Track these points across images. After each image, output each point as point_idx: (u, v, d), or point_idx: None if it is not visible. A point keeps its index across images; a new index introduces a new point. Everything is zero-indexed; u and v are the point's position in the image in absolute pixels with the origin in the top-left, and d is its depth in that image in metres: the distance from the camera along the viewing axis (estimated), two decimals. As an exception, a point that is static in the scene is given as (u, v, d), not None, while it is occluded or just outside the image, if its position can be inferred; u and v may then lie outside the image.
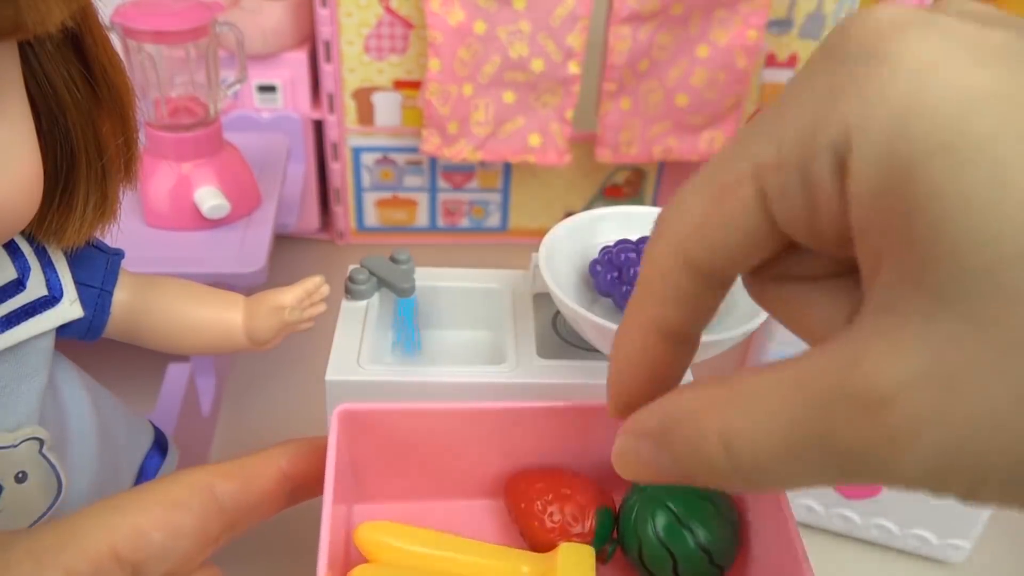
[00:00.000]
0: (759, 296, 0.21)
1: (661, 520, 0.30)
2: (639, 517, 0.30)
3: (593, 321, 0.32)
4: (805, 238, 0.18)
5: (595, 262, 0.37)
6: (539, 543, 0.30)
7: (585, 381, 0.35)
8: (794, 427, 0.16)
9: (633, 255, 0.35)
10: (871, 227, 0.15)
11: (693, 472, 0.18)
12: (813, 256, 0.19)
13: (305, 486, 0.30)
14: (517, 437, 0.31)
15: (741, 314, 0.34)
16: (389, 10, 0.65)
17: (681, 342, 0.21)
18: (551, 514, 0.30)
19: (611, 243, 0.37)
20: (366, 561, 0.28)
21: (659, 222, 0.20)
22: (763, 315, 0.33)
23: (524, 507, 0.31)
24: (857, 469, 0.15)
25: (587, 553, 0.29)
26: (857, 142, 0.15)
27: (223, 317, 0.36)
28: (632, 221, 0.39)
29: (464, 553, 0.29)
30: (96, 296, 0.32)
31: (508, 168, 0.74)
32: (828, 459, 0.15)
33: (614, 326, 0.31)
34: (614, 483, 0.33)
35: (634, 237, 0.37)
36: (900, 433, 0.14)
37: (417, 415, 0.29)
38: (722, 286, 0.20)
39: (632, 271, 0.36)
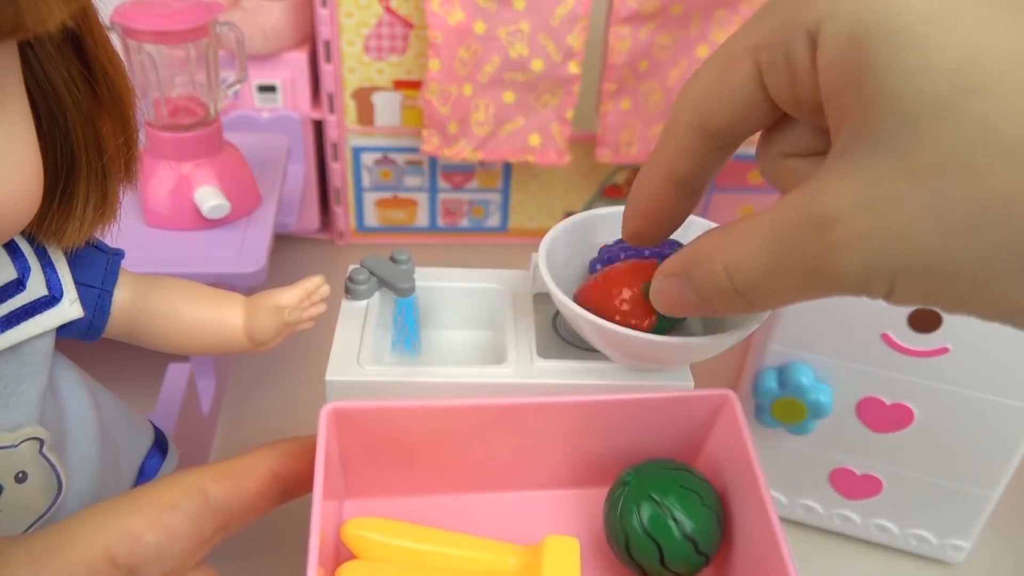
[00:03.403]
0: (768, 171, 0.25)
1: (646, 512, 0.30)
2: (624, 510, 0.30)
3: (593, 321, 0.32)
4: (790, 107, 0.22)
5: (595, 262, 0.37)
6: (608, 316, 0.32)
7: (585, 381, 0.35)
8: (772, 249, 0.21)
9: (632, 255, 0.35)
10: (834, 93, 0.20)
11: (710, 298, 0.24)
12: (806, 133, 0.24)
13: (296, 485, 0.30)
14: (506, 432, 0.31)
15: (741, 316, 0.34)
16: (389, 10, 0.65)
17: (686, 191, 0.26)
18: (623, 299, 0.32)
19: (611, 243, 0.37)
20: (356, 557, 0.29)
21: (681, 92, 0.24)
22: (763, 316, 0.33)
23: (604, 285, 0.33)
24: (815, 278, 0.20)
25: (572, 545, 0.29)
26: (826, 26, 0.20)
27: (223, 317, 0.36)
28: (632, 221, 0.39)
29: (452, 547, 0.29)
30: (96, 296, 0.32)
31: (508, 168, 0.74)
32: (796, 270, 0.20)
33: (613, 327, 0.31)
34: (602, 473, 0.33)
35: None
36: (840, 246, 0.19)
37: (405, 412, 0.29)
38: (726, 147, 0.25)
39: None
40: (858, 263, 0.19)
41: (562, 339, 0.40)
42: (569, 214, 0.78)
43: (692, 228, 0.35)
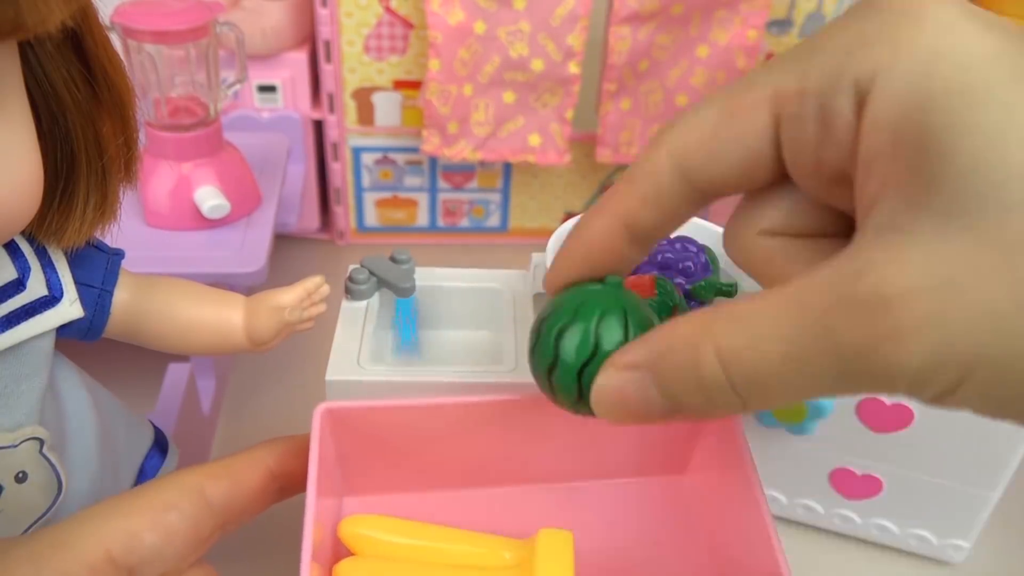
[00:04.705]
0: (742, 249, 0.22)
1: (576, 325, 0.24)
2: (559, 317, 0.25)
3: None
4: (804, 171, 0.19)
5: None
6: None
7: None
8: (795, 337, 0.17)
9: (646, 266, 0.35)
10: (880, 156, 0.17)
11: (686, 400, 0.19)
12: (803, 209, 0.21)
13: (293, 483, 0.30)
14: (499, 428, 0.31)
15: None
16: (389, 10, 0.65)
17: (639, 244, 0.23)
18: None
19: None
20: (352, 555, 0.29)
21: (660, 133, 0.21)
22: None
23: None
24: (855, 372, 0.16)
25: (566, 538, 0.29)
26: (882, 80, 0.17)
27: (223, 317, 0.36)
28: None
29: (447, 542, 0.30)
30: (96, 296, 0.32)
31: (508, 168, 0.74)
32: (829, 363, 0.17)
33: None
34: (596, 468, 0.33)
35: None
36: (902, 329, 0.16)
37: (398, 410, 0.30)
38: (701, 200, 0.21)
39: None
40: (925, 352, 0.16)
41: (562, 339, 0.40)
42: (569, 214, 0.78)
43: (690, 228, 0.35)
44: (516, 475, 0.33)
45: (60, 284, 0.31)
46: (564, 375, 0.24)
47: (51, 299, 0.30)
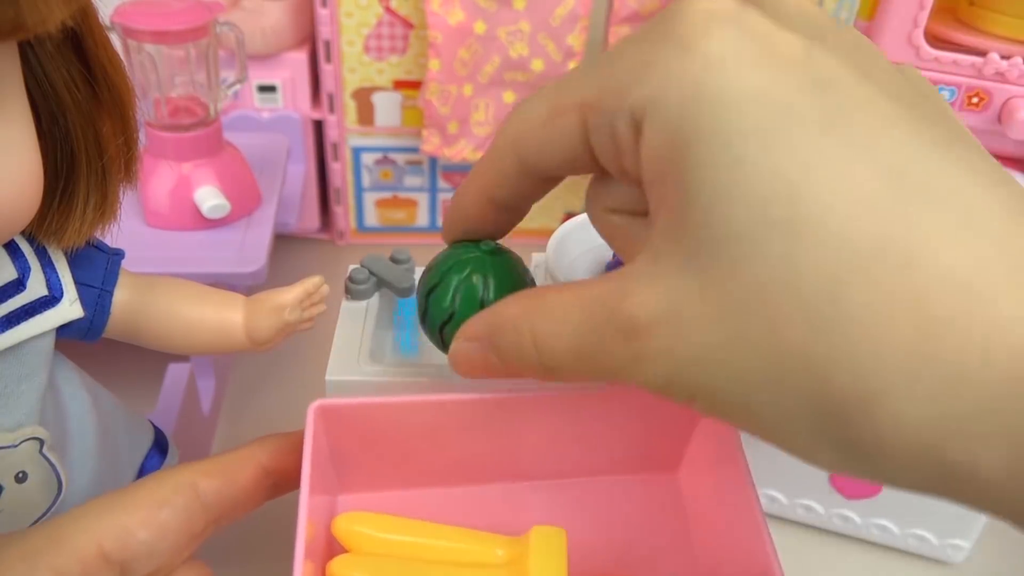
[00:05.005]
0: (596, 222, 0.24)
1: (440, 287, 0.27)
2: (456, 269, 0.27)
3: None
4: (615, 173, 0.21)
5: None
6: None
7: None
8: (578, 336, 0.20)
9: None
10: (655, 182, 0.19)
11: (515, 365, 0.22)
12: (632, 193, 0.22)
13: (286, 480, 0.31)
14: (493, 425, 0.31)
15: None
16: (389, 10, 0.65)
17: (507, 211, 0.25)
18: None
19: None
20: (346, 552, 0.29)
21: (507, 118, 0.23)
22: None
23: None
24: (614, 373, 0.19)
25: (559, 535, 0.29)
26: (651, 113, 0.18)
27: (223, 317, 0.36)
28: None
29: (441, 539, 0.30)
30: (96, 296, 0.32)
31: (508, 168, 0.74)
32: (602, 365, 0.19)
33: None
34: (589, 464, 0.33)
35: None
36: (644, 356, 0.18)
37: (393, 407, 0.30)
38: (548, 181, 0.24)
39: None
40: (661, 377, 0.18)
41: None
42: (569, 214, 0.78)
43: None
44: (510, 472, 0.33)
45: (60, 284, 0.31)
46: (429, 329, 0.28)
47: (51, 299, 0.30)
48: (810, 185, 0.16)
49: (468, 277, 0.27)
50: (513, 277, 0.27)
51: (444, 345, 0.28)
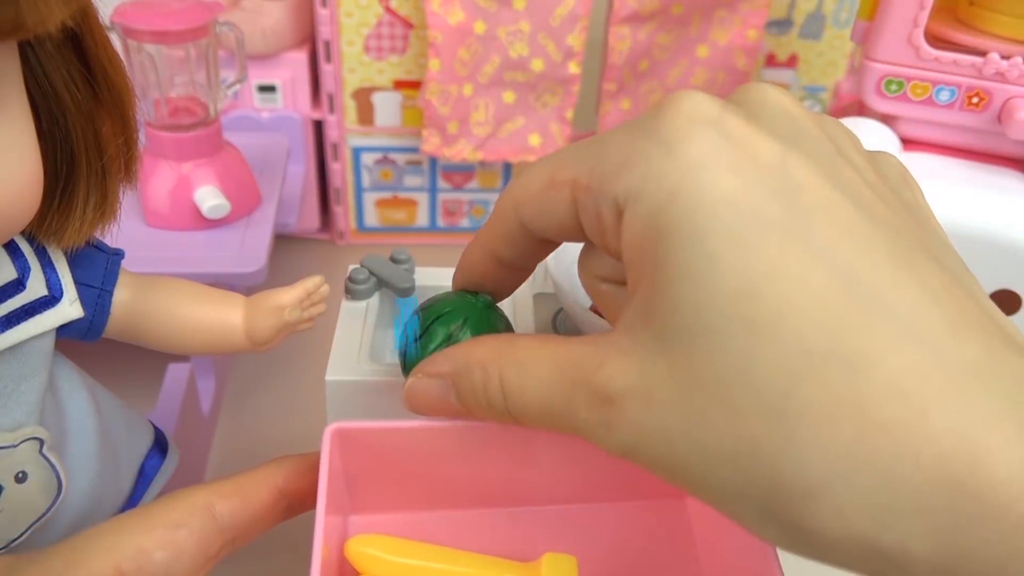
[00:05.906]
0: (586, 287, 0.26)
1: (431, 331, 0.28)
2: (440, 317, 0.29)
3: (604, 326, 0.32)
4: (600, 247, 0.22)
5: None
6: None
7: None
8: (549, 394, 0.21)
9: None
10: (632, 263, 0.20)
11: (476, 409, 0.23)
12: (619, 264, 0.23)
13: (301, 501, 0.31)
14: (508, 449, 0.31)
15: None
16: (389, 10, 0.65)
17: (513, 270, 0.26)
18: None
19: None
20: (358, 574, 0.29)
21: (512, 180, 0.24)
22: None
23: None
24: (579, 431, 0.21)
25: (570, 563, 0.29)
26: (631, 205, 0.19)
27: (223, 317, 0.36)
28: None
29: (453, 564, 0.30)
30: (96, 296, 0.32)
31: (508, 168, 0.74)
32: (563, 419, 0.21)
33: None
34: (604, 489, 0.33)
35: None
36: (612, 424, 0.20)
37: (409, 432, 0.30)
38: (545, 244, 0.25)
39: None
40: (628, 444, 0.19)
41: (562, 339, 0.40)
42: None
43: None
44: (520, 497, 0.33)
45: (60, 284, 0.31)
46: (406, 367, 0.29)
47: (51, 299, 0.30)
48: (771, 285, 0.17)
49: (463, 326, 0.28)
50: (493, 330, 0.28)
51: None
